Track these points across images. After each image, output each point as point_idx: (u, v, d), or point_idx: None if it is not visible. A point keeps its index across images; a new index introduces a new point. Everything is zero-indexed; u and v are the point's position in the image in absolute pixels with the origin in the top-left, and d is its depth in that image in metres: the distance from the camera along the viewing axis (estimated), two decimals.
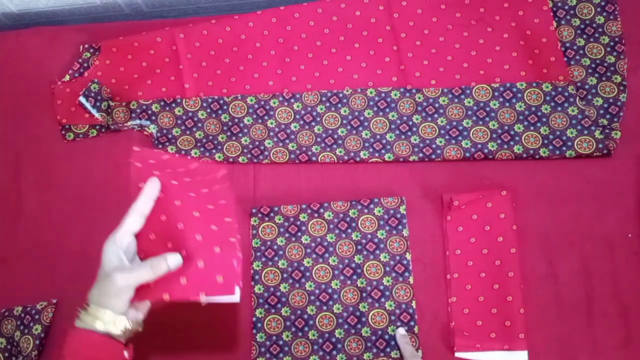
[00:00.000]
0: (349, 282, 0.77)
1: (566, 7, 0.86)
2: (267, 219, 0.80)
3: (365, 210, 0.80)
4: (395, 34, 0.87)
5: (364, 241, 0.79)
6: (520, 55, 0.85)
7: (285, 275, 0.78)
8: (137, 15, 1.06)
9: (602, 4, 0.84)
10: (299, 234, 0.80)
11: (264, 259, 0.79)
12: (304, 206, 0.81)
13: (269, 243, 0.80)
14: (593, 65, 0.83)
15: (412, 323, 0.75)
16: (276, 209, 0.81)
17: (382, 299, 0.76)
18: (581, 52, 0.84)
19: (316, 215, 0.80)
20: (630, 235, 0.77)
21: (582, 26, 0.85)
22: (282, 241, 0.80)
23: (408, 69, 0.86)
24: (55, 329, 0.81)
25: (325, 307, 0.76)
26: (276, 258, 0.79)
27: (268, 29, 0.90)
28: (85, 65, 0.91)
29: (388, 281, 0.77)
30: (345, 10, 0.89)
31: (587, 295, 0.76)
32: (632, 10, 0.84)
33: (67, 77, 0.90)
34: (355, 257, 0.78)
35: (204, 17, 0.95)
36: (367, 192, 0.82)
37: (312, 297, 0.77)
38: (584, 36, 0.84)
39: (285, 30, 0.90)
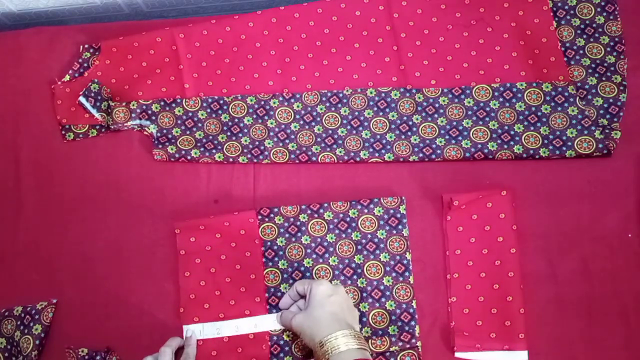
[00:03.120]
0: (349, 282, 0.77)
1: (566, 7, 0.86)
2: (267, 219, 0.80)
3: (365, 210, 0.80)
4: (395, 34, 0.88)
5: (364, 241, 0.79)
6: (520, 55, 0.85)
7: (285, 275, 0.78)
8: (137, 15, 1.06)
9: (602, 4, 0.84)
10: (299, 234, 0.80)
11: (264, 260, 0.79)
12: (303, 207, 0.81)
13: (269, 244, 0.80)
14: (593, 65, 0.83)
15: (412, 323, 0.75)
16: (276, 209, 0.81)
17: (383, 299, 0.76)
18: (581, 52, 0.84)
19: (316, 215, 0.80)
20: (630, 235, 0.77)
21: (582, 26, 0.85)
22: (282, 242, 0.80)
23: (408, 69, 0.86)
24: (55, 329, 0.81)
25: None
26: (276, 259, 0.79)
27: (268, 29, 0.90)
28: (85, 65, 0.91)
29: (388, 281, 0.77)
30: (345, 10, 0.89)
31: (587, 295, 0.76)
32: (632, 10, 0.84)
33: (67, 77, 0.90)
34: (356, 257, 0.78)
35: (204, 17, 0.95)
36: (367, 192, 0.82)
37: None
38: (584, 36, 0.84)
39: (285, 30, 0.90)
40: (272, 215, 0.80)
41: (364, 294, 0.77)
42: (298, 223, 0.80)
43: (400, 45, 0.87)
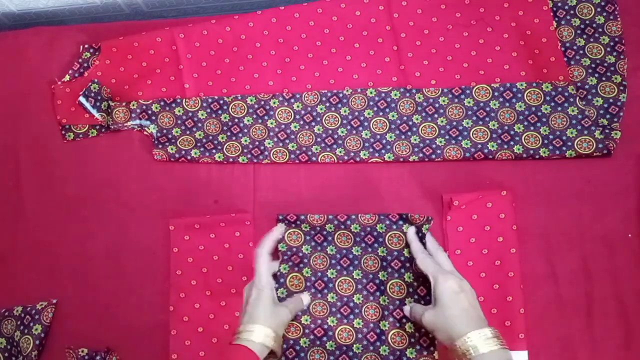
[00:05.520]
0: (371, 298, 0.75)
1: (566, 7, 0.86)
2: (293, 225, 0.78)
3: (394, 227, 0.77)
4: (395, 34, 0.87)
5: (389, 258, 0.76)
6: (520, 55, 0.84)
7: (308, 283, 0.76)
8: (137, 15, 1.06)
9: (602, 4, 0.84)
10: (325, 243, 0.77)
11: (290, 263, 0.77)
12: (330, 217, 0.78)
13: (294, 249, 0.77)
14: (593, 65, 0.83)
15: (431, 348, 0.72)
16: (303, 217, 0.78)
17: (404, 320, 0.73)
18: (581, 52, 0.84)
19: (342, 227, 0.78)
20: (630, 235, 0.77)
21: (582, 26, 0.85)
22: (307, 249, 0.77)
23: (408, 69, 0.86)
24: (55, 329, 0.81)
25: (345, 321, 0.74)
26: (301, 265, 0.76)
27: (268, 29, 0.90)
28: (85, 65, 0.91)
29: (410, 302, 0.74)
30: (345, 10, 0.89)
31: (587, 295, 0.76)
32: (632, 10, 0.84)
33: (67, 77, 0.90)
34: (380, 273, 0.76)
35: (204, 17, 0.95)
36: (367, 192, 0.82)
37: (334, 309, 0.75)
38: (584, 36, 0.84)
39: (285, 30, 0.90)
40: (298, 222, 0.78)
41: (385, 313, 0.74)
42: (324, 232, 0.78)
43: (400, 45, 0.87)
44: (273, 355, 0.67)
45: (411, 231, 0.75)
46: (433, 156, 0.82)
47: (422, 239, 0.74)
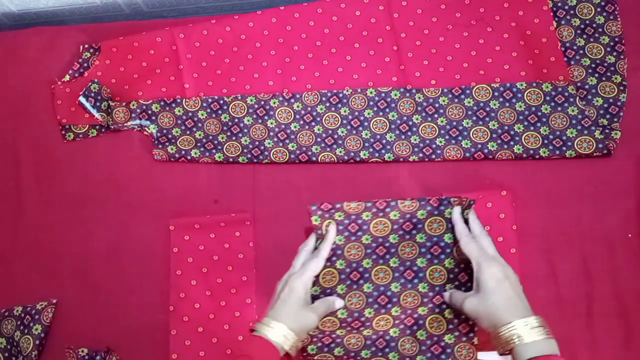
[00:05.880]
0: (409, 285, 0.72)
1: (566, 7, 0.86)
2: (327, 215, 0.73)
3: (435, 212, 0.73)
4: (395, 34, 0.87)
5: (428, 244, 0.72)
6: (520, 55, 0.84)
7: (343, 276, 0.72)
8: (137, 15, 1.06)
9: (602, 4, 0.84)
10: (360, 233, 0.73)
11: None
12: (368, 204, 0.73)
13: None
14: (593, 65, 0.83)
15: (471, 334, 0.70)
16: (338, 205, 0.73)
17: (443, 305, 0.71)
18: (581, 52, 0.84)
19: (381, 214, 0.73)
20: (630, 235, 0.77)
21: (582, 26, 0.85)
22: (341, 240, 0.73)
23: (408, 69, 0.86)
24: (55, 329, 0.81)
25: (383, 310, 0.72)
26: (334, 258, 0.73)
27: (268, 29, 0.90)
28: (85, 65, 0.91)
29: (450, 288, 0.71)
30: (345, 10, 0.89)
31: (587, 295, 0.76)
32: (632, 10, 0.84)
33: (67, 77, 0.90)
34: (418, 260, 0.72)
35: (204, 17, 0.95)
36: (367, 192, 0.82)
37: (370, 299, 0.72)
38: (584, 36, 0.84)
39: (285, 30, 0.90)
40: (332, 212, 0.73)
41: (425, 299, 0.71)
42: (359, 221, 0.73)
43: (400, 45, 0.87)
44: (288, 356, 0.66)
45: (456, 212, 0.71)
46: (433, 156, 0.82)
47: (465, 222, 0.71)
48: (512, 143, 0.80)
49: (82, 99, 0.85)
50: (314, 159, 0.83)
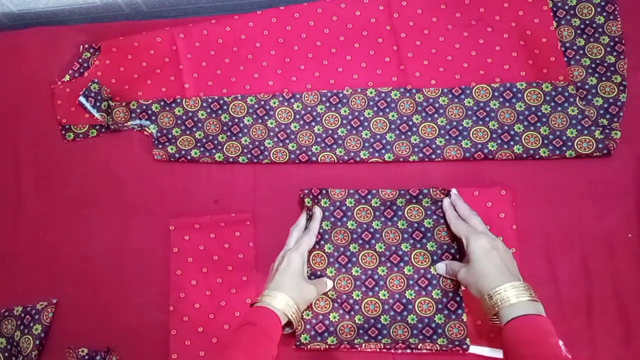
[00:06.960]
0: (395, 269, 0.77)
1: (566, 7, 0.86)
2: (315, 201, 0.80)
3: (413, 201, 0.79)
4: (395, 34, 0.87)
5: (410, 230, 0.78)
6: (520, 55, 0.84)
7: (331, 259, 0.77)
8: (137, 15, 1.06)
9: (602, 4, 0.84)
10: (344, 219, 0.79)
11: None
12: (351, 191, 0.80)
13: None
14: (593, 65, 0.83)
15: (459, 311, 0.74)
16: (324, 191, 0.80)
17: (429, 287, 0.75)
18: (581, 52, 0.84)
19: (363, 201, 0.80)
20: (630, 235, 0.77)
21: (582, 26, 0.85)
22: (327, 225, 0.79)
23: (408, 69, 0.86)
24: (55, 329, 0.81)
25: (371, 293, 0.76)
26: (322, 242, 0.78)
27: (268, 29, 0.90)
28: (85, 65, 0.91)
29: (435, 269, 0.76)
30: (345, 10, 0.89)
31: (587, 295, 0.76)
32: (632, 10, 0.84)
33: (67, 77, 0.90)
34: (402, 245, 0.78)
35: (204, 17, 0.95)
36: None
37: (358, 282, 0.76)
38: (584, 36, 0.84)
39: (285, 30, 0.90)
40: (319, 197, 0.80)
41: (410, 282, 0.76)
42: (344, 208, 0.80)
43: (400, 45, 0.87)
44: (289, 326, 0.68)
45: (446, 201, 0.78)
46: (433, 156, 0.82)
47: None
48: (512, 143, 0.80)
49: (82, 99, 0.85)
50: (314, 159, 0.83)
